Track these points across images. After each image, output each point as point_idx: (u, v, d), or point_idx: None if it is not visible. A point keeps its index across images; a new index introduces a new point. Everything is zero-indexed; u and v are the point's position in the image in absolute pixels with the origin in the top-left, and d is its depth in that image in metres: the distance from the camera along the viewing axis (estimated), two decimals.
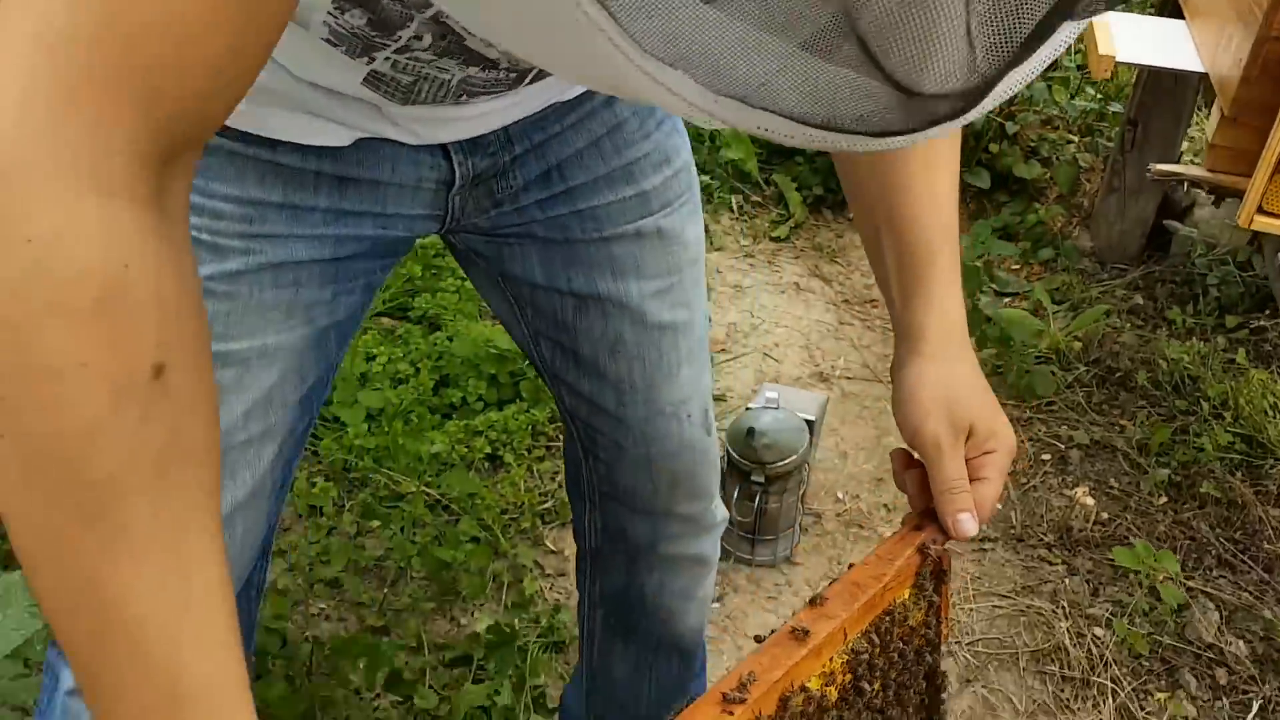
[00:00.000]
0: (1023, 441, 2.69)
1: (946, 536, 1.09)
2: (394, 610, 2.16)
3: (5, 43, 0.56)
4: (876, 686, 1.09)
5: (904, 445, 1.13)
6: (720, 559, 2.36)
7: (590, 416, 1.34)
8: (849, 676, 1.06)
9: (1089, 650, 2.16)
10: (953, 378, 1.06)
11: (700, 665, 1.66)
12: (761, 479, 2.25)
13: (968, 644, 2.20)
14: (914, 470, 1.10)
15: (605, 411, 1.32)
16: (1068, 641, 2.18)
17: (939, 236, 1.09)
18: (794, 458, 2.26)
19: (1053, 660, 2.16)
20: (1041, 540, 2.43)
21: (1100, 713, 2.06)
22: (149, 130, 0.59)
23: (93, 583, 0.61)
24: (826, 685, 1.04)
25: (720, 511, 1.48)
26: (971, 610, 2.27)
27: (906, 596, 1.11)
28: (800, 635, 1.00)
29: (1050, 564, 2.37)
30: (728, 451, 2.29)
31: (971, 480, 1.06)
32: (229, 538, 1.04)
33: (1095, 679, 2.11)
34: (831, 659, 1.03)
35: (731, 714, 0.92)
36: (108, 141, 0.58)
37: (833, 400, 2.76)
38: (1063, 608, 2.25)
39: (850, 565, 1.09)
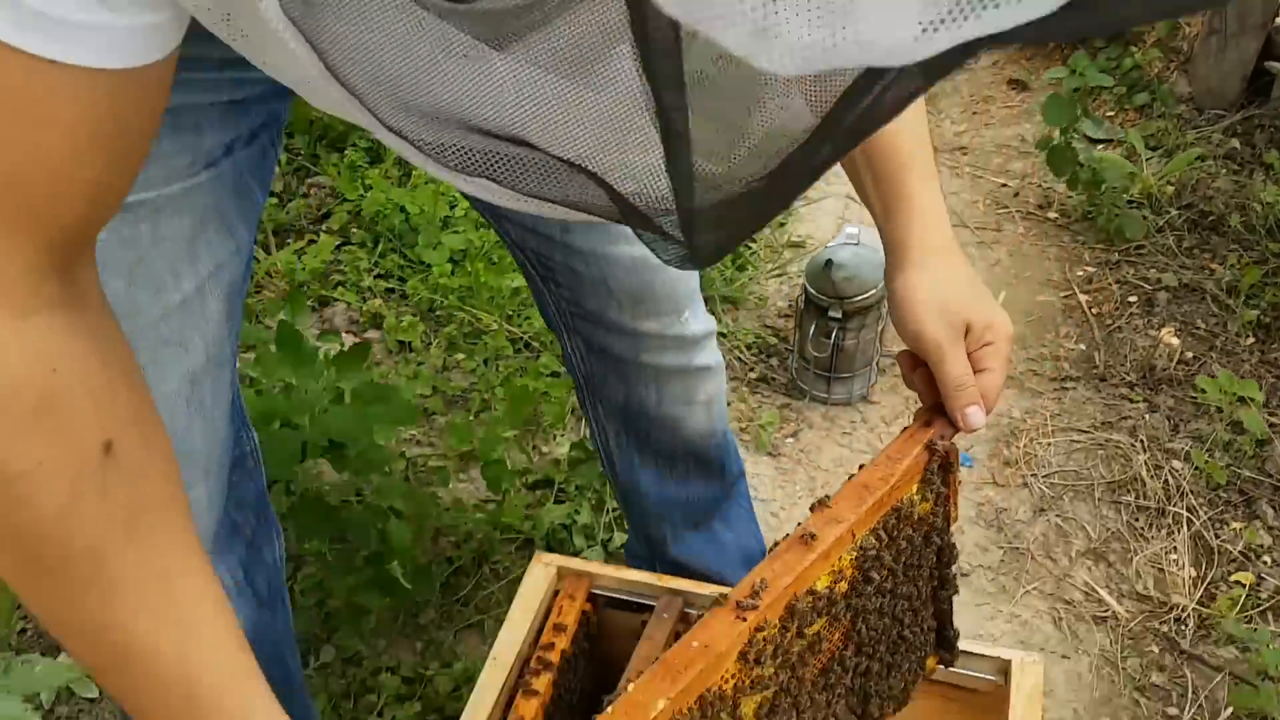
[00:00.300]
0: (1110, 284, 2.69)
1: (955, 430, 1.15)
2: (480, 438, 2.26)
3: None
4: (885, 574, 1.16)
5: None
6: (796, 397, 2.44)
7: (539, 246, 1.35)
8: (857, 571, 1.13)
9: (1166, 482, 2.20)
10: (942, 280, 1.11)
11: (732, 476, 1.70)
12: (839, 314, 2.29)
13: (1043, 476, 2.25)
14: (921, 370, 1.15)
15: (551, 239, 1.33)
16: (1145, 473, 2.22)
17: (910, 143, 1.11)
18: (872, 293, 2.30)
19: (1128, 491, 2.20)
20: (1124, 379, 2.45)
21: (1173, 540, 2.10)
22: (42, 251, 0.66)
23: (103, 631, 0.72)
24: (836, 582, 1.12)
25: (700, 323, 1.48)
26: (1049, 445, 2.31)
27: (914, 492, 1.17)
28: (808, 540, 1.08)
29: (1131, 401, 2.39)
30: (805, 288, 2.33)
31: (975, 372, 1.12)
32: (200, 410, 1.10)
33: (1170, 508, 2.15)
34: (840, 558, 1.11)
35: (744, 620, 1.02)
36: (6, 271, 0.65)
37: None
38: (1141, 442, 2.28)
39: (860, 466, 1.16)
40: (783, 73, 0.41)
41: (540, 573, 1.46)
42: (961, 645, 1.32)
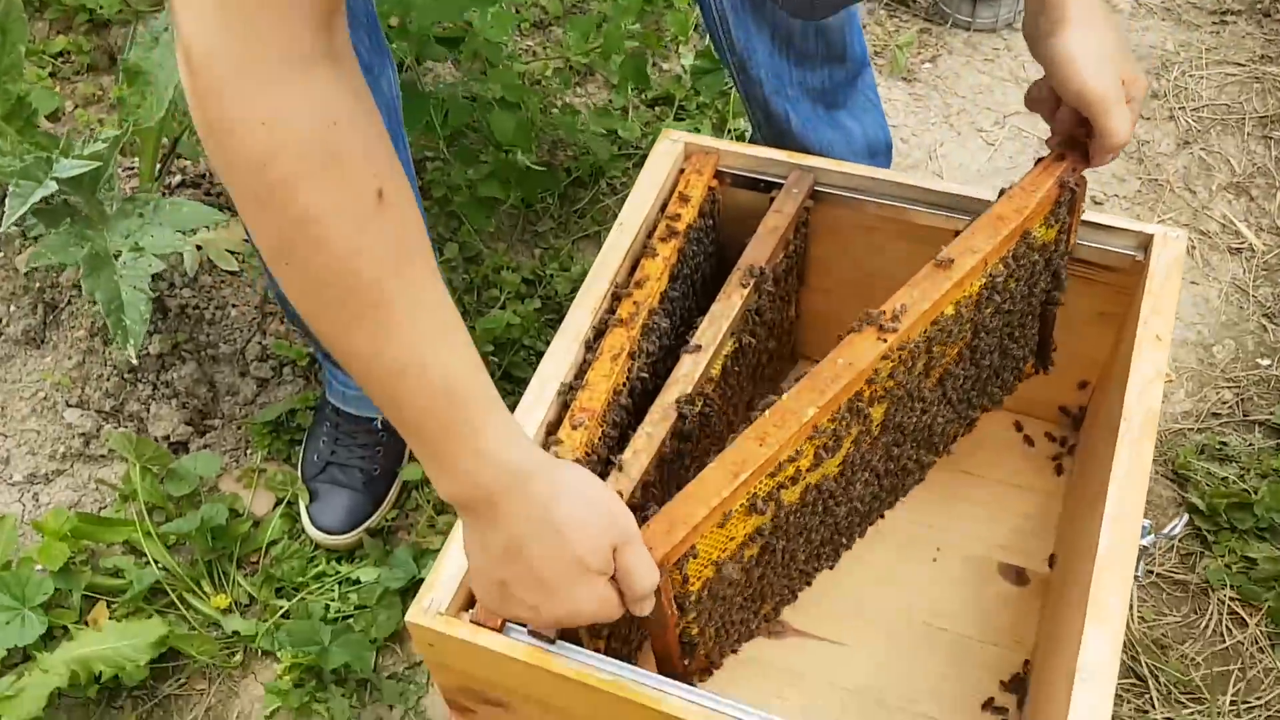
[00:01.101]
0: None
1: (1086, 164, 1.26)
2: (597, 52, 2.23)
3: None
4: (1006, 297, 1.28)
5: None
6: (937, 22, 2.36)
7: None
8: (983, 295, 1.25)
9: None
10: (1104, 38, 1.19)
11: (856, 61, 1.70)
12: None
13: (1192, 109, 2.18)
14: (1065, 108, 1.24)
15: None
16: None
17: None
18: None
19: None
20: None
21: None
22: (316, 5, 0.76)
23: (381, 347, 0.86)
24: (964, 305, 1.24)
25: None
26: (1201, 78, 2.23)
27: (1041, 222, 1.27)
28: (946, 264, 1.20)
29: None
30: None
31: None
32: None
33: None
34: (971, 284, 1.23)
35: (885, 340, 1.17)
36: (294, 27, 0.75)
37: None
38: None
39: (1001, 191, 1.26)
40: None
41: (668, 147, 1.47)
42: (1104, 219, 1.32)
